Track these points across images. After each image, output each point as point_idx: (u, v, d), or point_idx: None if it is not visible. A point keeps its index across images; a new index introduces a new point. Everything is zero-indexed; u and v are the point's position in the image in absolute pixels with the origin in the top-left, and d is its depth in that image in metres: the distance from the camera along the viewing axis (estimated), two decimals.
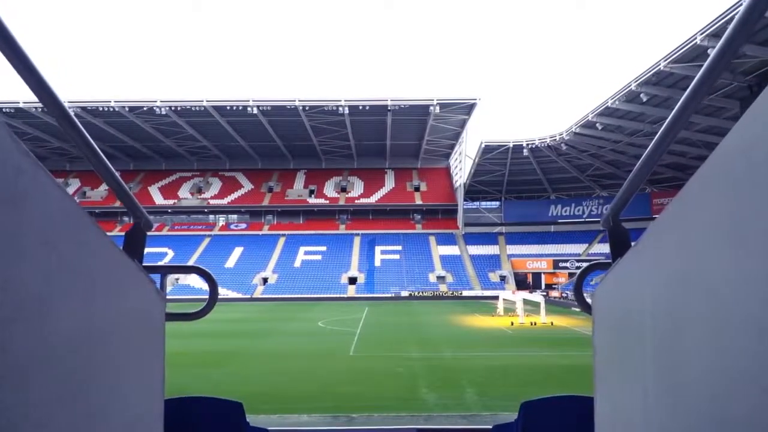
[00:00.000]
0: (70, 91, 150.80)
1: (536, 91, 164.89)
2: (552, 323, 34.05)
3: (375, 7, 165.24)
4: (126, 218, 73.32)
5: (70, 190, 75.32)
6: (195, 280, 59.97)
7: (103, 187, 75.95)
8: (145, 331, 1.80)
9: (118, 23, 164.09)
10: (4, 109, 59.26)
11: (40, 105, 58.04)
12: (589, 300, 2.21)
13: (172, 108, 58.83)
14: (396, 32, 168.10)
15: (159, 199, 73.96)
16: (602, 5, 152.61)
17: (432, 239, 69.57)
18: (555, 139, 56.55)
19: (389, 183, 77.18)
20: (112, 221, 73.10)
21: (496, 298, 45.99)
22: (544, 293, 53.80)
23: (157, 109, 58.42)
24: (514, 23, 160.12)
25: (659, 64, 35.87)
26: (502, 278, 61.66)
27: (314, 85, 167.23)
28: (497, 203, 74.73)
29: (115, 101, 58.40)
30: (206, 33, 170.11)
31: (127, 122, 62.98)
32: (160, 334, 1.98)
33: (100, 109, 59.33)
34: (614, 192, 67.56)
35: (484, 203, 75.32)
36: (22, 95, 66.43)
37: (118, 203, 71.31)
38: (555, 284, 61.58)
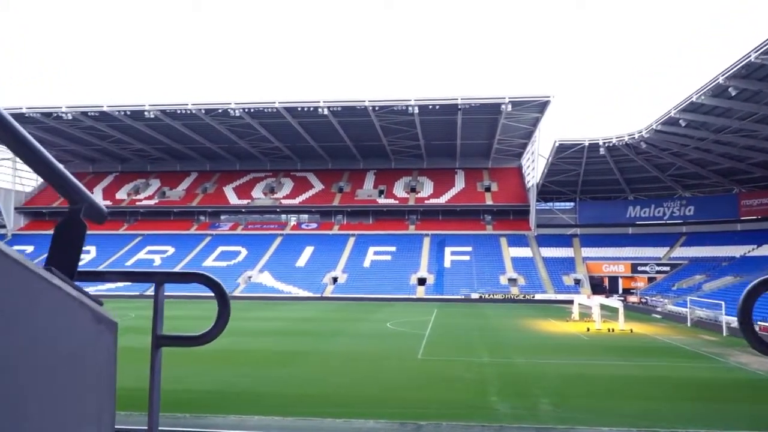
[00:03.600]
0: (148, 94, 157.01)
1: (611, 88, 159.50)
2: (631, 330, 32.52)
3: (443, 4, 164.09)
4: (203, 217, 75.55)
5: (151, 190, 78.22)
6: (267, 279, 61.02)
7: (182, 187, 78.53)
8: (73, 370, 1.38)
9: (186, 25, 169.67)
10: (89, 113, 62.06)
11: (123, 109, 60.90)
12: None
13: (246, 110, 60.04)
14: (463, 29, 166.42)
15: (233, 199, 75.71)
16: None
17: (503, 240, 68.19)
18: (634, 138, 54.21)
19: (459, 183, 76.24)
20: (189, 220, 75.43)
21: (571, 302, 44.52)
22: (622, 298, 51.72)
23: (232, 111, 59.75)
24: (587, 17, 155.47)
25: (749, 56, 33.64)
26: (577, 282, 59.66)
27: (382, 85, 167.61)
28: (571, 204, 72.52)
29: (192, 104, 60.10)
30: (276, 34, 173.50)
31: (204, 124, 64.75)
32: (102, 371, 1.52)
33: (178, 111, 61.20)
34: (698, 192, 64.26)
35: (557, 204, 73.26)
36: (107, 99, 69.55)
37: (195, 202, 73.67)
38: (633, 289, 59.08)
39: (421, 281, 60.13)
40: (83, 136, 69.58)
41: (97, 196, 76.80)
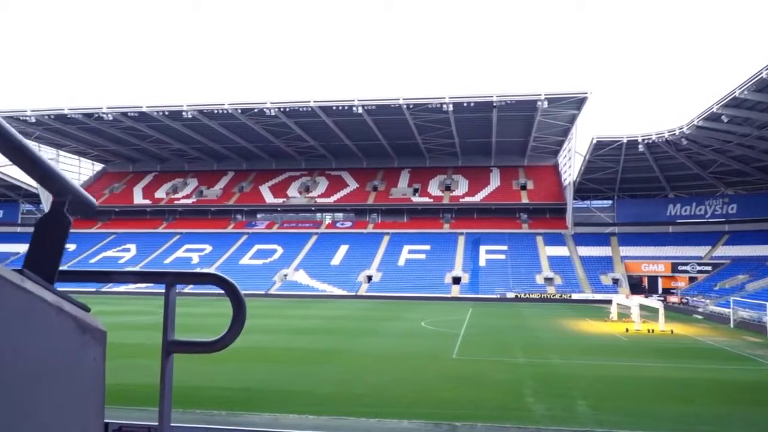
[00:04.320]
0: (185, 95, 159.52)
1: (649, 84, 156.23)
2: (672, 331, 31.77)
3: (478, 1, 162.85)
4: (239, 216, 76.43)
5: (188, 189, 79.48)
6: (302, 277, 61.42)
7: (218, 186, 79.61)
8: (50, 387, 1.22)
9: (221, 25, 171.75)
10: (129, 113, 63.31)
11: (162, 109, 61.99)
12: None
13: (281, 109, 60.51)
14: (498, 26, 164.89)
15: (269, 198, 76.43)
16: None
17: (539, 239, 67.38)
18: (674, 134, 52.96)
19: (494, 181, 75.60)
20: (226, 219, 76.40)
21: (609, 302, 43.75)
22: (662, 298, 50.62)
23: (267, 111, 60.27)
24: (622, 12, 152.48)
25: None
26: (615, 281, 58.59)
27: (416, 83, 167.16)
28: (609, 202, 71.25)
29: (229, 104, 60.84)
30: (309, 33, 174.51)
31: (240, 124, 65.52)
32: (87, 387, 1.37)
33: (215, 111, 62.02)
34: (741, 190, 62.45)
35: (595, 202, 72.07)
36: (146, 100, 70.88)
37: (232, 201, 74.59)
38: (674, 289, 57.73)
39: (456, 280, 59.81)
40: (123, 137, 71.05)
41: (137, 196, 78.47)
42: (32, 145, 1.34)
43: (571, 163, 66.93)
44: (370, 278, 61.23)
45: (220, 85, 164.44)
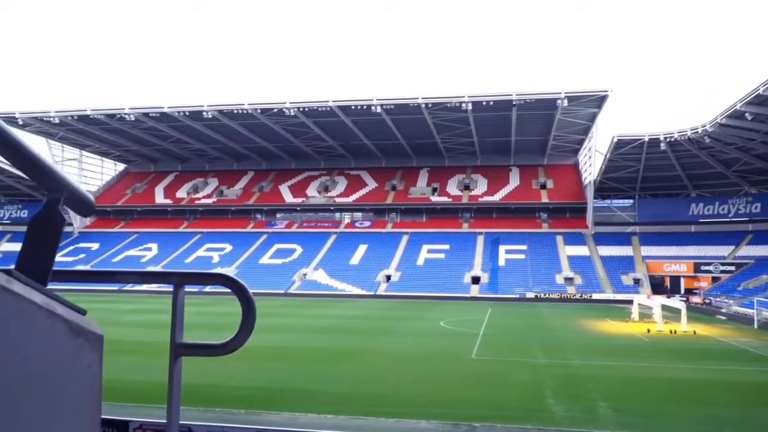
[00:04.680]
0: (204, 95, 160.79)
1: (669, 82, 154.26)
2: (695, 332, 31.36)
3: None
4: (259, 215, 76.83)
5: (209, 189, 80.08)
6: (322, 276, 61.59)
7: (239, 185, 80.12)
8: (37, 396, 1.14)
9: (240, 26, 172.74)
10: (150, 114, 63.95)
11: (183, 109, 62.54)
12: None
13: (300, 109, 60.72)
14: (516, 25, 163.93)
15: (289, 198, 76.75)
16: None
17: (559, 239, 66.88)
18: (697, 132, 52.24)
19: (514, 180, 75.17)
20: (246, 218, 76.86)
21: (630, 302, 43.28)
22: (684, 298, 50.00)
23: (286, 111, 60.51)
24: (642, 10, 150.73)
25: None
26: (636, 281, 57.97)
27: (434, 82, 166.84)
28: (630, 201, 70.47)
29: (248, 104, 61.18)
30: (327, 33, 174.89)
31: (260, 124, 65.87)
32: (80, 395, 1.28)
33: (235, 111, 62.42)
34: (765, 189, 61.42)
35: (615, 201, 71.32)
36: (167, 101, 71.54)
37: (252, 201, 75.02)
38: (696, 289, 56.95)
39: (475, 280, 59.59)
40: (145, 137, 71.78)
41: (159, 195, 79.21)
42: (19, 135, 1.27)
43: (591, 162, 66.36)
44: (389, 278, 61.23)
45: (239, 86, 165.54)
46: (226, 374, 17.07)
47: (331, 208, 76.37)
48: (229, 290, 1.69)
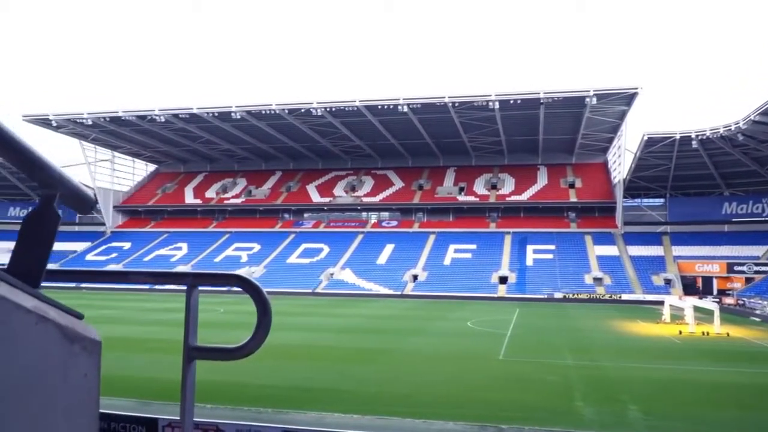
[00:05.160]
0: (232, 96, 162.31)
1: (700, 78, 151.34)
2: (728, 334, 30.72)
3: None
4: (287, 215, 77.33)
5: (237, 189, 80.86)
6: (349, 276, 61.76)
7: (267, 185, 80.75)
8: (27, 405, 1.04)
9: (267, 27, 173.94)
10: (180, 115, 64.78)
11: (212, 110, 63.23)
12: None
13: (327, 109, 60.96)
14: (542, 23, 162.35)
15: (316, 197, 77.14)
16: None
17: (588, 238, 66.10)
18: (729, 129, 51.16)
19: (542, 180, 74.49)
20: (274, 218, 77.44)
21: (661, 303, 42.55)
22: (717, 299, 48.99)
23: (314, 111, 60.80)
24: (669, 6, 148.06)
25: None
26: (667, 282, 57.00)
27: (461, 81, 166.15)
28: (661, 200, 69.34)
29: (276, 104, 61.62)
30: (350, 31, 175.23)
31: (287, 124, 66.30)
32: (74, 404, 1.18)
33: (263, 112, 62.92)
34: None
35: (646, 200, 70.26)
36: (196, 102, 72.34)
37: (280, 200, 75.52)
38: (729, 290, 55.76)
39: (503, 280, 59.19)
40: (175, 138, 72.75)
41: (188, 195, 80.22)
42: (14, 130, 1.19)
43: (620, 161, 65.44)
44: (415, 277, 61.16)
45: (266, 87, 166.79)
46: (253, 373, 17.20)
47: (358, 207, 76.55)
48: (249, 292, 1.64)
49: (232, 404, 13.65)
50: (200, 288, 1.70)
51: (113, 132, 70.99)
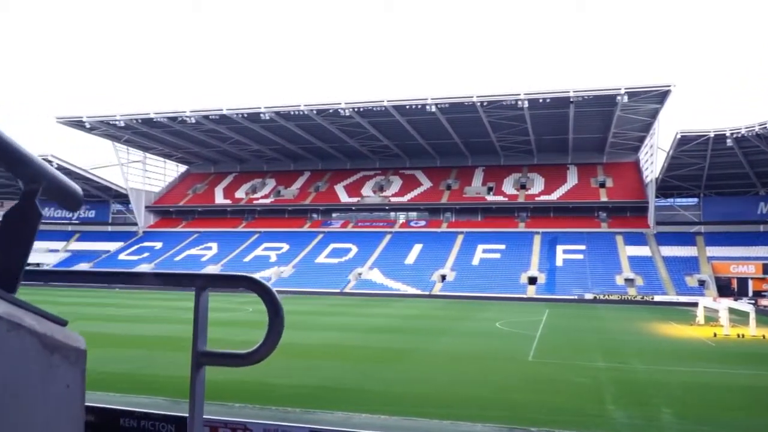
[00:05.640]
0: (262, 98, 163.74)
1: (732, 77, 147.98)
2: (764, 336, 29.94)
3: None
4: (315, 215, 77.69)
5: (267, 189, 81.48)
6: (377, 275, 61.80)
7: (295, 186, 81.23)
8: (5, 420, 0.96)
9: (293, 29, 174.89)
10: (210, 116, 65.51)
11: (241, 111, 63.81)
12: None
13: (355, 109, 61.08)
14: (570, 21, 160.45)
15: (344, 197, 77.37)
16: None
17: (619, 239, 65.12)
18: (765, 127, 49.96)
19: (572, 179, 73.64)
20: (302, 218, 77.87)
21: (695, 305, 41.69)
22: (752, 301, 47.85)
23: (342, 111, 60.98)
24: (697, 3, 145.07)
25: None
26: (701, 283, 55.88)
27: (490, 80, 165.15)
28: (695, 200, 68.06)
29: (305, 105, 61.96)
30: (378, 31, 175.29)
31: (315, 125, 66.59)
32: (53, 419, 1.08)
33: (291, 113, 63.30)
34: None
35: (679, 200, 69.04)
36: (227, 103, 73.07)
37: (308, 200, 75.89)
38: (765, 291, 54.44)
39: (532, 280, 58.66)
40: (205, 139, 73.60)
41: (219, 196, 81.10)
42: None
43: (653, 160, 64.32)
44: (443, 277, 60.95)
45: (294, 88, 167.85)
46: (282, 371, 17.28)
47: (386, 207, 76.56)
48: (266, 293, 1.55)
49: (260, 403, 13.73)
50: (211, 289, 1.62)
51: (145, 133, 72.10)
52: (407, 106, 60.05)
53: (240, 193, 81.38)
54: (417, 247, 67.63)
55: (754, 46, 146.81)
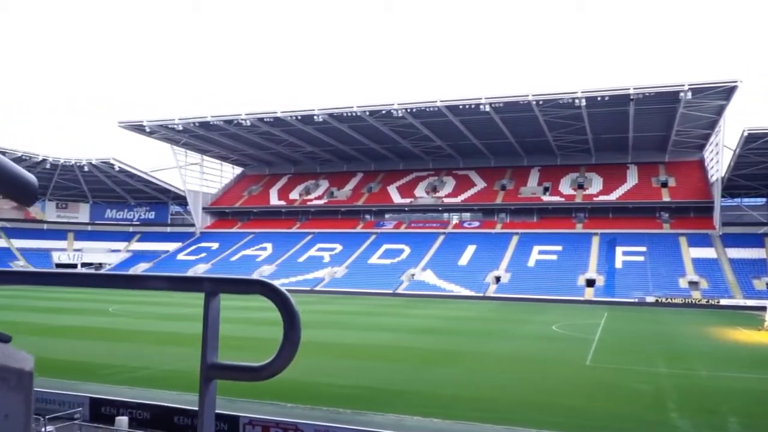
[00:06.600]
0: (315, 100, 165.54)
1: None
2: None
3: None
4: (368, 216, 77.88)
5: (320, 191, 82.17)
6: (430, 276, 61.44)
7: (348, 187, 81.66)
8: None
9: (346, 32, 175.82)
10: (265, 119, 66.49)
11: (295, 114, 64.55)
12: None
13: (408, 110, 60.88)
14: (632, 17, 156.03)
15: (397, 198, 77.28)
16: None
17: (682, 240, 62.79)
18: None
19: (631, 179, 71.47)
20: (355, 219, 78.18)
21: (763, 309, 39.81)
22: None
23: (394, 112, 60.88)
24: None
25: None
26: None
27: (545, 79, 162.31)
28: (763, 200, 65.14)
29: (357, 106, 62.16)
30: (433, 33, 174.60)
31: (368, 126, 66.71)
32: None
33: (344, 114, 63.62)
34: None
35: (746, 200, 66.21)
36: (281, 106, 74.16)
37: (361, 201, 76.16)
38: None
39: (590, 282, 57.17)
40: (260, 141, 74.78)
41: (273, 197, 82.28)
42: None
43: (718, 158, 61.78)
44: (498, 279, 60.08)
45: (345, 89, 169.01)
46: (333, 372, 17.25)
47: (440, 208, 76.09)
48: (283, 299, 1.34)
49: (311, 403, 13.67)
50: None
51: (202, 136, 73.75)
52: (460, 106, 59.48)
53: (294, 195, 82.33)
54: (470, 248, 66.91)
55: None
